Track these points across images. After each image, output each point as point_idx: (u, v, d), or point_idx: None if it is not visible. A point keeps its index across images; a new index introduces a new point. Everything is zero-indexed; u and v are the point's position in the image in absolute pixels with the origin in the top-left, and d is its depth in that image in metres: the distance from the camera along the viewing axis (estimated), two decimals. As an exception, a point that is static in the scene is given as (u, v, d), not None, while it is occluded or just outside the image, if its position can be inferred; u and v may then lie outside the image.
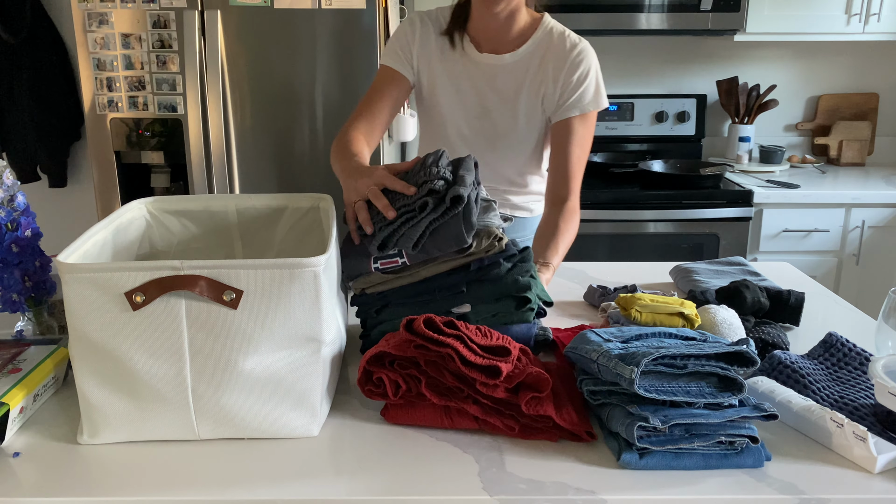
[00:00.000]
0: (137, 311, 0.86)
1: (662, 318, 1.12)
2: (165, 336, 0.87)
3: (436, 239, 1.04)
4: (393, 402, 0.94)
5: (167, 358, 0.87)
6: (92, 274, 0.85)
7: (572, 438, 0.90)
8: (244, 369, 0.88)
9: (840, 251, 2.68)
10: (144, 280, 0.85)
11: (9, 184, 1.07)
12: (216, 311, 0.86)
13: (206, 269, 0.85)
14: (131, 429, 0.90)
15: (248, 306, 0.87)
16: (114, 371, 0.88)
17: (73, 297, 0.86)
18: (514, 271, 1.08)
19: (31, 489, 0.82)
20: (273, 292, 0.87)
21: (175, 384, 0.88)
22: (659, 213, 2.60)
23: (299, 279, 0.87)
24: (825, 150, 3.16)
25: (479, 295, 1.07)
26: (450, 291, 1.07)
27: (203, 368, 0.88)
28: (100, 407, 0.89)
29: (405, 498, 0.80)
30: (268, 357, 0.89)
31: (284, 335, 0.89)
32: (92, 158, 2.52)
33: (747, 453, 0.85)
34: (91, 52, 2.42)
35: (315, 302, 0.89)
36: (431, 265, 1.07)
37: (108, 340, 0.87)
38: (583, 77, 1.52)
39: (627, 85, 3.16)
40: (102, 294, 0.85)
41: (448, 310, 1.06)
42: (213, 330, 0.87)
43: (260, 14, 2.35)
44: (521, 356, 0.97)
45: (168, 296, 0.86)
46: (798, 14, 2.74)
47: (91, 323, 0.86)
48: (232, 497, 0.80)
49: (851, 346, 1.08)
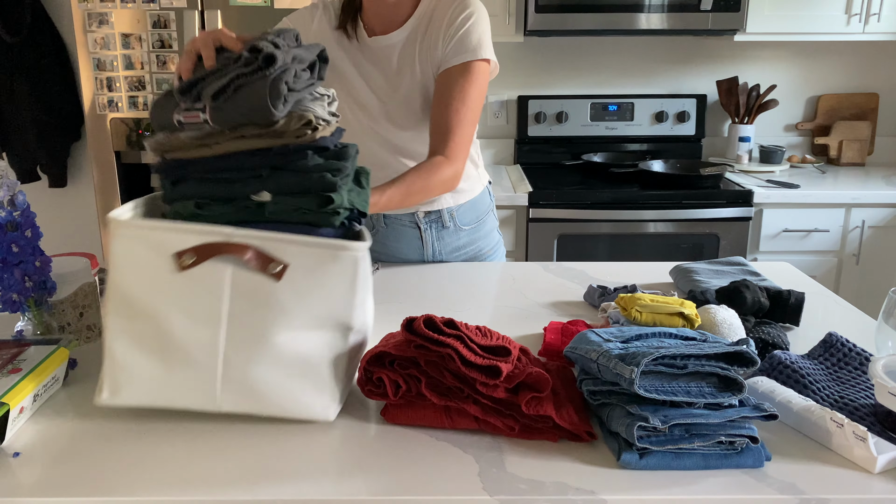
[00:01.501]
0: (183, 273, 0.87)
1: (662, 318, 1.12)
2: (206, 300, 0.88)
3: (239, 99, 0.94)
4: (393, 402, 0.94)
5: (204, 322, 0.89)
6: (144, 231, 0.87)
7: (572, 438, 0.90)
8: (276, 342, 0.90)
9: (840, 251, 2.68)
10: (195, 243, 0.87)
11: (9, 184, 1.07)
12: (259, 282, 0.88)
13: (257, 239, 0.88)
14: (153, 391, 0.91)
15: (291, 280, 0.89)
16: (147, 331, 0.89)
17: (120, 254, 0.88)
18: (324, 166, 0.96)
19: (31, 489, 0.82)
20: (315, 270, 0.89)
21: (207, 349, 0.89)
22: (659, 213, 2.60)
23: (340, 261, 0.89)
24: (825, 150, 3.17)
25: (282, 184, 0.95)
26: (249, 173, 0.95)
27: (237, 336, 0.89)
28: (126, 366, 0.90)
29: (405, 498, 0.81)
30: (299, 334, 0.91)
31: (318, 314, 0.91)
32: (92, 158, 2.53)
33: (747, 453, 0.85)
34: (91, 52, 2.42)
35: (351, 286, 0.91)
36: (233, 139, 0.95)
37: (148, 299, 0.88)
38: (461, 24, 1.43)
39: (627, 85, 3.16)
40: (151, 252, 0.87)
41: (246, 195, 0.95)
42: (254, 299, 0.89)
43: (260, 14, 2.35)
44: (521, 356, 0.97)
45: (215, 260, 0.87)
46: (798, 14, 2.74)
47: (134, 281, 0.88)
48: (232, 497, 0.80)
49: (851, 346, 1.08)
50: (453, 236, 1.67)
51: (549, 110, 3.08)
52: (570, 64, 3.14)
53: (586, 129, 3.10)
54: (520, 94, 3.13)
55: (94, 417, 0.97)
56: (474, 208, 1.70)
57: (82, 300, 1.17)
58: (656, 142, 3.13)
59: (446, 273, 1.56)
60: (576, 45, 3.11)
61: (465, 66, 1.44)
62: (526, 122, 3.09)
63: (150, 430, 0.93)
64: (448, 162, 1.40)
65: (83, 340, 1.18)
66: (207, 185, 0.96)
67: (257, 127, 0.94)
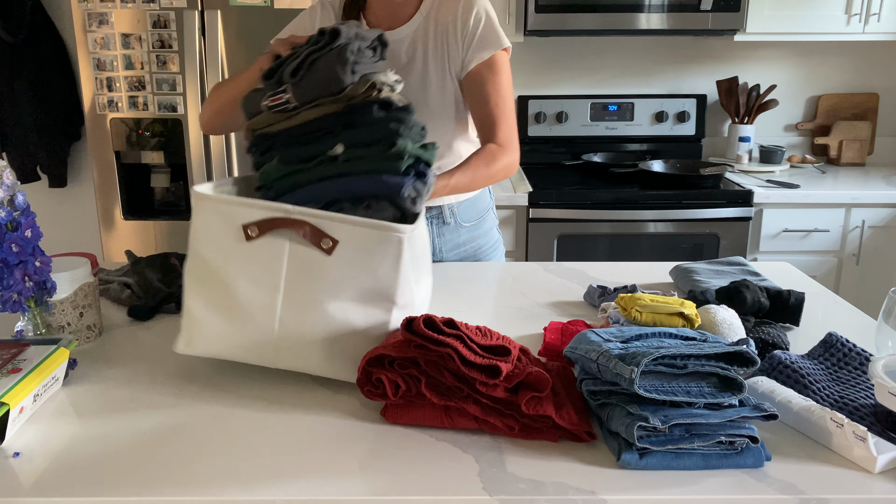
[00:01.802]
0: (249, 242, 0.99)
1: (662, 318, 1.12)
2: (267, 268, 0.99)
3: (314, 73, 1.10)
4: (393, 402, 0.94)
5: (265, 287, 1.00)
6: (219, 205, 0.99)
7: (572, 438, 0.90)
8: (326, 310, 1.00)
9: (840, 251, 2.68)
10: (259, 217, 0.98)
11: (9, 184, 1.07)
12: (313, 255, 0.99)
13: (312, 217, 0.98)
14: (221, 345, 1.02)
15: (341, 255, 0.99)
16: (218, 292, 1.01)
17: (200, 224, 1.00)
18: (387, 118, 1.09)
19: (31, 489, 0.82)
20: (363, 247, 0.98)
21: (266, 311, 1.00)
22: (659, 213, 2.60)
23: (386, 242, 0.98)
24: (825, 150, 3.17)
25: (352, 137, 1.08)
26: (325, 132, 1.10)
27: (292, 302, 1.00)
28: (199, 321, 1.02)
29: (405, 498, 0.81)
30: (347, 305, 1.00)
31: (365, 289, 1.00)
32: (92, 158, 2.53)
33: (747, 453, 0.85)
34: (91, 52, 2.42)
35: (395, 264, 0.99)
36: (311, 109, 1.10)
37: (220, 264, 1.00)
38: (475, 25, 1.50)
39: (627, 85, 3.16)
40: (224, 223, 0.99)
41: (324, 151, 1.09)
42: (308, 270, 0.99)
43: (260, 14, 2.35)
44: (521, 356, 0.97)
45: (276, 233, 0.99)
46: (798, 14, 2.74)
47: (210, 247, 1.00)
48: (232, 497, 0.80)
49: (851, 346, 1.08)
50: (454, 233, 1.68)
51: (549, 110, 3.08)
52: (570, 64, 3.14)
53: (586, 129, 3.10)
54: (520, 94, 3.13)
55: (94, 417, 0.97)
56: (475, 206, 1.71)
57: (82, 300, 1.17)
58: (656, 142, 3.13)
59: (447, 273, 1.56)
60: (576, 45, 3.11)
61: (490, 61, 1.50)
62: (526, 122, 3.09)
63: (150, 431, 0.93)
64: (503, 150, 1.47)
65: (83, 340, 1.18)
66: (291, 150, 1.11)
67: (331, 95, 1.09)
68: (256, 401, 1.01)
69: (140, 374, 1.09)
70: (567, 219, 2.61)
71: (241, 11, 2.35)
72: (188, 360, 1.14)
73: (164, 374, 1.09)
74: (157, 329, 1.26)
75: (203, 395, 1.03)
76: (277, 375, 1.08)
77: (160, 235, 2.59)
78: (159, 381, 1.07)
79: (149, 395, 1.03)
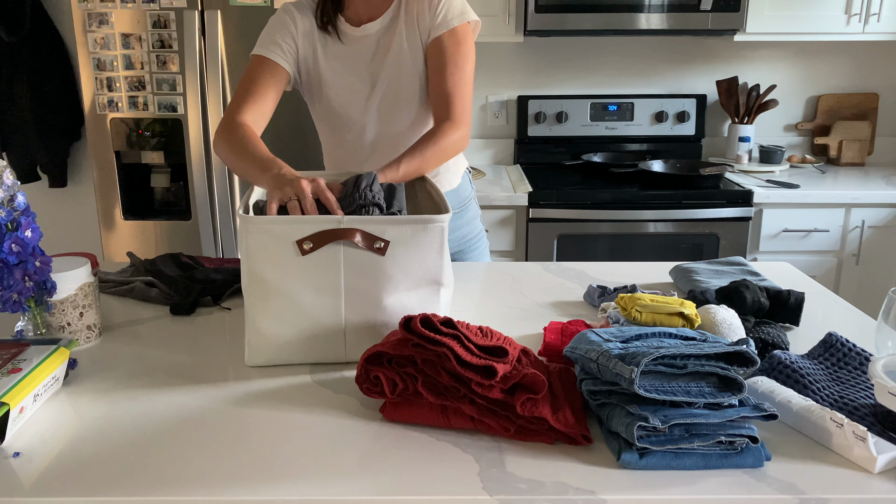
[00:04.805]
0: (305, 256, 1.05)
1: (662, 318, 1.12)
2: (327, 276, 1.07)
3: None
4: (391, 400, 0.94)
5: (328, 294, 1.08)
6: (269, 225, 1.05)
7: (568, 441, 0.90)
8: (386, 304, 1.09)
9: (840, 251, 2.68)
10: (312, 231, 1.04)
11: (9, 184, 1.07)
12: (367, 257, 1.07)
13: (361, 224, 1.06)
14: (289, 352, 1.10)
15: (393, 253, 1.07)
16: (282, 305, 1.07)
17: (252, 245, 1.05)
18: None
19: (31, 489, 0.82)
20: (411, 242, 1.07)
21: (332, 315, 1.09)
22: (659, 213, 2.60)
23: (430, 232, 1.07)
24: (825, 150, 3.17)
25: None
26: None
27: (354, 303, 1.09)
28: (266, 334, 1.09)
29: (405, 498, 0.81)
30: (403, 295, 1.10)
31: (417, 277, 1.09)
32: (92, 158, 2.53)
33: (747, 453, 0.85)
34: (91, 52, 2.42)
35: (440, 250, 1.09)
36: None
37: (280, 280, 1.06)
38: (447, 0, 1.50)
39: (627, 85, 3.16)
40: (277, 242, 1.04)
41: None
42: (364, 272, 1.07)
43: (260, 14, 2.35)
44: (521, 357, 0.97)
45: (330, 245, 1.05)
46: (798, 14, 2.74)
47: (266, 266, 1.06)
48: (232, 497, 0.80)
49: (851, 346, 1.08)
50: None
51: (549, 110, 3.08)
52: (570, 64, 3.14)
53: (586, 129, 3.10)
54: (520, 94, 3.13)
55: (94, 417, 0.97)
56: (457, 195, 1.72)
57: (82, 300, 1.17)
58: (656, 142, 3.13)
59: (446, 273, 1.56)
60: (576, 45, 3.11)
61: (452, 33, 1.50)
62: (526, 122, 3.09)
63: (150, 431, 0.93)
64: (453, 125, 1.45)
65: (83, 340, 1.18)
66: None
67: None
68: (256, 400, 1.01)
69: (140, 374, 1.09)
70: (567, 219, 2.61)
71: (241, 11, 2.35)
72: (188, 360, 1.14)
73: (165, 373, 1.09)
74: (157, 329, 1.26)
75: (203, 396, 1.03)
76: (277, 375, 1.08)
77: (160, 235, 2.59)
78: (159, 381, 1.07)
79: (149, 395, 1.03)
